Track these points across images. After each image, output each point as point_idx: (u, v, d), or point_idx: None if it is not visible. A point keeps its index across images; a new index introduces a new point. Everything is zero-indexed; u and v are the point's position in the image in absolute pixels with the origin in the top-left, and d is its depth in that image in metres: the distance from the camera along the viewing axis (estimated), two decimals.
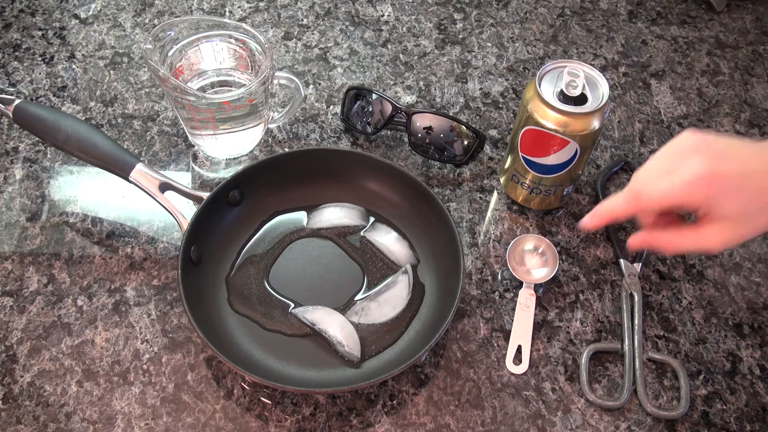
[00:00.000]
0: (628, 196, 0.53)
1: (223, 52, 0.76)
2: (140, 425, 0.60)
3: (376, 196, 0.73)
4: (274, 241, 0.71)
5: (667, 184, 0.51)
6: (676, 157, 0.51)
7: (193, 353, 0.64)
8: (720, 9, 0.97)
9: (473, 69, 0.89)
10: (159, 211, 0.69)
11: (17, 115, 0.69)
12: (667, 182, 0.51)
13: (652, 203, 0.52)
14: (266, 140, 0.80)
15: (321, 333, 0.65)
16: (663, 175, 0.51)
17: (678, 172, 0.50)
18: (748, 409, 0.63)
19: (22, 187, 0.75)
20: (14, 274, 0.68)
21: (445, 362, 0.65)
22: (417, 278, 0.69)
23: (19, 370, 0.63)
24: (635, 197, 0.53)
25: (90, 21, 0.91)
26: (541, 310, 0.69)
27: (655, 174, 0.53)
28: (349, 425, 0.61)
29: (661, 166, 0.52)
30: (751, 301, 0.70)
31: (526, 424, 0.62)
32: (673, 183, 0.50)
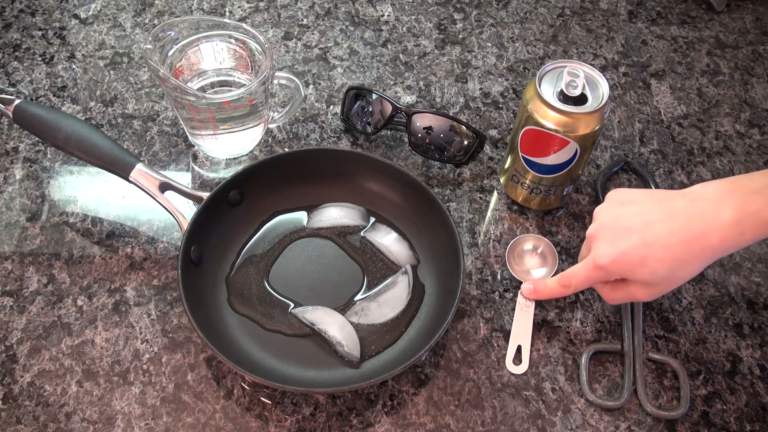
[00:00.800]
0: (561, 284, 0.63)
1: (223, 52, 0.76)
2: (140, 425, 0.60)
3: (376, 196, 0.73)
4: (274, 241, 0.71)
5: (584, 271, 0.60)
6: (589, 240, 0.60)
7: (193, 353, 0.64)
8: (720, 9, 0.97)
9: (473, 69, 0.89)
10: (159, 211, 0.69)
11: (17, 115, 0.69)
12: (583, 269, 0.60)
13: (579, 288, 0.63)
14: (266, 140, 0.80)
15: (320, 333, 0.65)
16: (582, 262, 0.60)
17: (588, 259, 0.59)
18: (748, 409, 0.63)
19: (22, 187, 0.75)
20: (14, 274, 0.68)
21: (445, 362, 0.65)
22: (417, 278, 0.69)
23: (19, 370, 0.63)
24: (567, 286, 0.62)
25: (90, 21, 0.91)
26: (541, 310, 0.69)
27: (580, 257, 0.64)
28: (349, 425, 0.61)
29: (583, 249, 0.63)
30: (751, 301, 0.70)
31: (526, 424, 0.62)
32: (587, 269, 0.59)
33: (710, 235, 0.54)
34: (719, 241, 0.54)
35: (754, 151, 0.83)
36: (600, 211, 0.60)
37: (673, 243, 0.54)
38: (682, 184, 0.79)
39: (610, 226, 0.58)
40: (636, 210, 0.57)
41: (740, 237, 0.53)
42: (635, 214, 0.57)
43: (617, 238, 0.57)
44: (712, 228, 0.53)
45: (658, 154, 0.82)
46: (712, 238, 0.54)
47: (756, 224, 0.53)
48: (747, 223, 0.53)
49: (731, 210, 0.53)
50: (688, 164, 0.81)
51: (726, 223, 0.53)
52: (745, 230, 0.53)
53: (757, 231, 0.53)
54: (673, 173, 0.80)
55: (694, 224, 0.54)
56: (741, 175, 0.56)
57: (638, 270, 0.56)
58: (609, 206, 0.60)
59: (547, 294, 0.65)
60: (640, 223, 0.56)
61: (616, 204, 0.59)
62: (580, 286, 0.61)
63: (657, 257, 0.55)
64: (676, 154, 0.82)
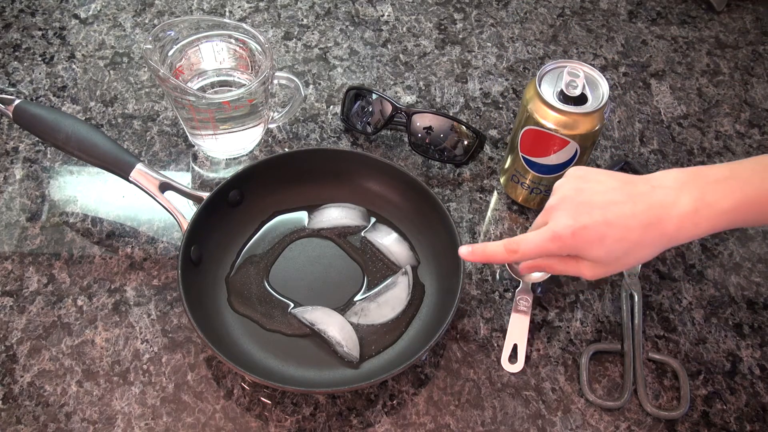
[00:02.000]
0: (507, 248, 0.58)
1: (223, 52, 0.76)
2: (140, 425, 0.60)
3: (376, 196, 0.73)
4: (274, 241, 0.71)
5: (537, 239, 0.57)
6: (548, 211, 0.58)
7: (193, 353, 0.64)
8: (720, 9, 0.97)
9: (473, 69, 0.89)
10: (159, 211, 0.69)
11: (17, 115, 0.69)
12: (537, 237, 0.57)
13: (526, 257, 0.59)
14: (266, 140, 0.80)
15: (320, 333, 0.65)
16: (536, 230, 0.57)
17: (545, 228, 0.56)
18: (748, 409, 0.63)
19: (22, 187, 0.75)
20: (14, 274, 0.68)
21: (445, 362, 0.65)
22: (417, 279, 0.69)
23: (19, 370, 0.63)
24: (513, 250, 0.58)
25: (90, 21, 0.91)
26: (541, 310, 0.69)
27: (534, 226, 0.60)
28: (349, 425, 0.61)
29: (538, 219, 0.60)
30: (751, 301, 0.70)
31: (526, 424, 0.62)
32: (542, 238, 0.56)
33: (667, 223, 0.53)
34: (675, 229, 0.53)
35: (754, 151, 0.83)
36: (561, 184, 0.58)
37: (632, 225, 0.54)
38: None
39: (572, 199, 0.56)
40: (599, 188, 0.56)
41: (695, 227, 0.53)
42: (598, 192, 0.56)
43: (579, 211, 0.55)
44: (670, 215, 0.53)
45: (658, 154, 0.82)
46: (669, 225, 0.53)
47: (712, 215, 0.53)
48: (704, 213, 0.53)
49: (689, 199, 0.53)
50: (688, 164, 0.81)
51: (683, 212, 0.53)
52: (701, 220, 0.53)
53: (713, 222, 0.53)
54: None
55: (653, 210, 0.54)
56: (702, 165, 0.56)
57: (595, 247, 0.55)
58: (571, 181, 0.58)
59: (485, 257, 0.60)
60: (603, 201, 0.55)
61: (578, 180, 0.58)
62: (528, 254, 0.58)
63: (615, 237, 0.54)
64: (676, 154, 0.82)
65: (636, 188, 0.55)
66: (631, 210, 0.54)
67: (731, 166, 0.54)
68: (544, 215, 0.58)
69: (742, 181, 0.53)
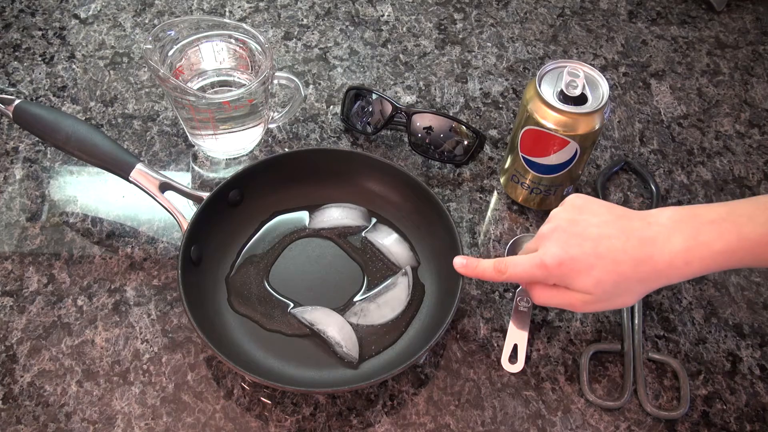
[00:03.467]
0: (495, 268, 0.60)
1: (223, 52, 0.76)
2: (140, 425, 0.60)
3: (377, 196, 0.73)
4: (275, 241, 0.71)
5: (525, 264, 0.58)
6: (540, 239, 0.59)
7: (193, 353, 0.64)
8: (720, 9, 0.97)
9: (473, 69, 0.89)
10: (159, 211, 0.69)
11: (17, 115, 0.69)
12: (525, 262, 0.58)
13: (513, 279, 0.61)
14: (266, 140, 0.80)
15: (319, 333, 0.65)
16: (527, 256, 0.59)
17: (535, 255, 0.58)
18: (748, 409, 0.63)
19: (22, 187, 0.75)
20: (14, 274, 0.68)
21: (445, 362, 0.65)
22: (417, 279, 0.69)
23: (19, 370, 0.63)
24: (501, 271, 0.60)
25: (90, 21, 0.91)
26: (541, 310, 0.69)
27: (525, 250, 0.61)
28: (349, 425, 0.61)
29: (530, 244, 0.61)
30: (751, 301, 0.70)
31: (526, 424, 0.62)
32: (530, 264, 0.58)
33: (658, 260, 0.53)
34: (666, 266, 0.53)
35: (754, 151, 0.83)
36: (557, 213, 0.59)
37: (622, 260, 0.54)
38: (682, 184, 0.79)
39: (564, 229, 0.57)
40: (593, 221, 0.57)
41: (687, 266, 0.53)
42: (592, 225, 0.56)
43: (569, 242, 0.56)
44: (661, 252, 0.53)
45: (658, 154, 0.82)
46: (660, 262, 0.53)
47: (705, 256, 0.53)
48: (696, 252, 0.53)
49: (682, 238, 0.53)
50: (688, 164, 0.81)
51: (674, 250, 0.53)
52: (693, 260, 0.53)
53: (706, 263, 0.53)
54: (673, 173, 0.80)
55: (645, 247, 0.54)
56: (700, 204, 0.56)
57: (582, 278, 0.55)
58: (567, 210, 0.59)
59: (476, 273, 0.62)
60: (595, 234, 0.56)
61: (574, 210, 0.58)
62: (514, 277, 0.60)
63: (605, 269, 0.55)
64: (676, 154, 0.82)
65: (630, 223, 0.56)
66: (622, 245, 0.54)
67: (728, 207, 0.54)
68: (536, 241, 0.59)
69: (738, 223, 0.52)
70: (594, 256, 0.55)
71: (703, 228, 0.53)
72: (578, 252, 0.55)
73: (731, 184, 0.79)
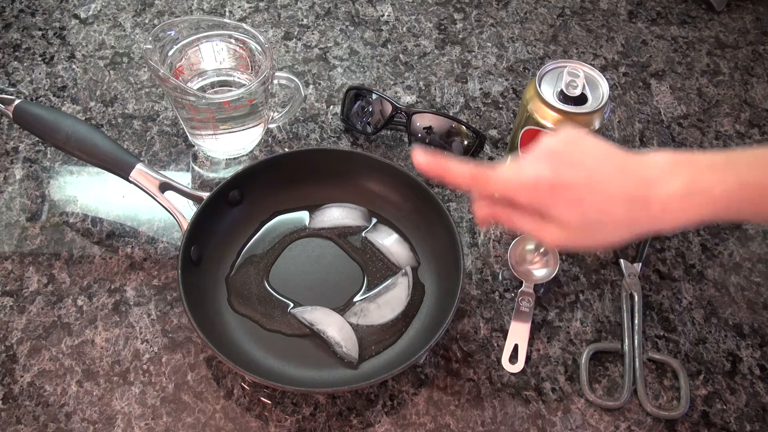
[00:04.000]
0: (476, 172, 0.52)
1: (223, 52, 0.75)
2: (140, 425, 0.60)
3: (377, 196, 0.73)
4: (275, 241, 0.71)
5: (514, 181, 0.51)
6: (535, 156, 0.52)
7: (193, 353, 0.64)
8: (720, 9, 0.97)
9: (473, 69, 0.89)
10: (159, 211, 0.69)
11: (17, 115, 0.69)
12: (514, 179, 0.51)
13: (493, 189, 0.53)
14: (266, 140, 0.80)
15: (319, 333, 0.65)
16: (515, 168, 0.52)
17: (525, 171, 0.51)
18: (748, 409, 0.63)
19: (22, 187, 0.75)
20: (14, 274, 0.68)
21: (445, 362, 0.65)
22: (417, 279, 0.69)
23: (19, 370, 0.63)
24: (482, 176, 0.52)
25: (90, 21, 0.91)
26: (542, 310, 0.69)
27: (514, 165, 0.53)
28: (349, 425, 0.61)
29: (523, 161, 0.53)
30: (751, 301, 0.70)
31: (526, 424, 0.62)
32: (519, 182, 0.51)
33: (653, 202, 0.49)
34: (660, 210, 0.49)
35: None
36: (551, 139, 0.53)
37: (615, 196, 0.50)
38: None
39: (559, 153, 0.52)
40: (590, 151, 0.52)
41: (683, 212, 0.49)
42: (588, 155, 0.51)
43: (563, 167, 0.51)
44: (657, 194, 0.49)
45: None
46: (655, 205, 0.49)
47: (703, 201, 0.49)
48: (694, 198, 0.49)
49: (680, 182, 0.49)
50: None
51: (672, 193, 0.49)
52: (690, 206, 0.49)
53: (703, 209, 0.49)
54: None
55: (641, 186, 0.50)
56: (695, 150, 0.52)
57: (569, 209, 0.50)
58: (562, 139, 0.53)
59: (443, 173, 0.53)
60: (591, 165, 0.51)
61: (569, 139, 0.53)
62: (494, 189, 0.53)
63: (594, 204, 0.50)
64: None
65: (627, 160, 0.51)
66: (618, 180, 0.50)
67: (729, 155, 0.50)
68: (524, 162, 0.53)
69: (738, 169, 0.49)
70: (586, 188, 0.50)
71: (702, 173, 0.49)
72: (571, 179, 0.50)
73: None
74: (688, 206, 0.49)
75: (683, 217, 0.50)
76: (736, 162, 0.50)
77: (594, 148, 0.52)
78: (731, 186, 0.49)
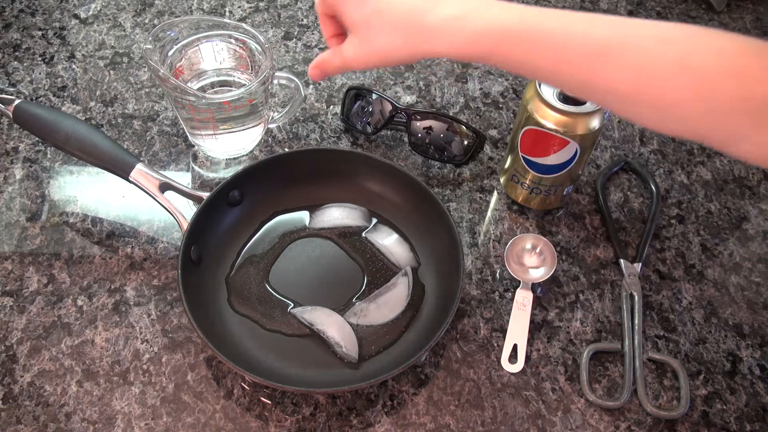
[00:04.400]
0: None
1: (223, 52, 0.76)
2: (140, 425, 0.60)
3: (377, 196, 0.73)
4: (274, 241, 0.71)
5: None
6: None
7: (193, 353, 0.64)
8: (720, 9, 0.97)
9: (473, 69, 0.89)
10: (159, 211, 0.69)
11: (17, 115, 0.69)
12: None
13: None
14: (266, 140, 0.80)
15: (319, 333, 0.65)
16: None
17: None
18: (748, 409, 0.63)
19: (22, 187, 0.75)
20: (14, 274, 0.68)
21: (445, 362, 0.65)
22: (417, 279, 0.69)
23: (19, 370, 0.63)
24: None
25: (90, 21, 0.91)
26: (541, 310, 0.69)
27: None
28: (349, 425, 0.61)
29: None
30: (751, 301, 0.70)
31: (526, 424, 0.62)
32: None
33: (430, 16, 0.51)
34: (436, 25, 0.51)
35: None
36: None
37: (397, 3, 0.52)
38: (682, 183, 0.79)
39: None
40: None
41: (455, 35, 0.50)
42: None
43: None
44: (436, 11, 0.51)
45: (658, 154, 0.82)
46: (431, 19, 0.51)
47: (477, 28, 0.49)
48: (468, 23, 0.50)
49: (461, 6, 0.50)
50: (688, 164, 0.81)
51: (449, 13, 0.50)
52: (462, 30, 0.50)
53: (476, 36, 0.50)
54: (673, 173, 0.80)
55: (426, 2, 0.51)
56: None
57: (356, 6, 0.53)
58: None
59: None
60: None
61: None
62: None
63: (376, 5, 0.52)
64: (676, 154, 0.82)
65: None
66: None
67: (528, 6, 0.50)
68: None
69: (526, 12, 0.49)
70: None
71: (491, 6, 0.50)
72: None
73: (731, 184, 0.79)
74: (460, 29, 0.50)
75: (456, 40, 0.50)
76: (528, 9, 0.50)
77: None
78: (510, 22, 0.49)
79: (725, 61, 0.45)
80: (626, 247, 0.73)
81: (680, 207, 0.77)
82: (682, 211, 0.77)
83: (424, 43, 0.52)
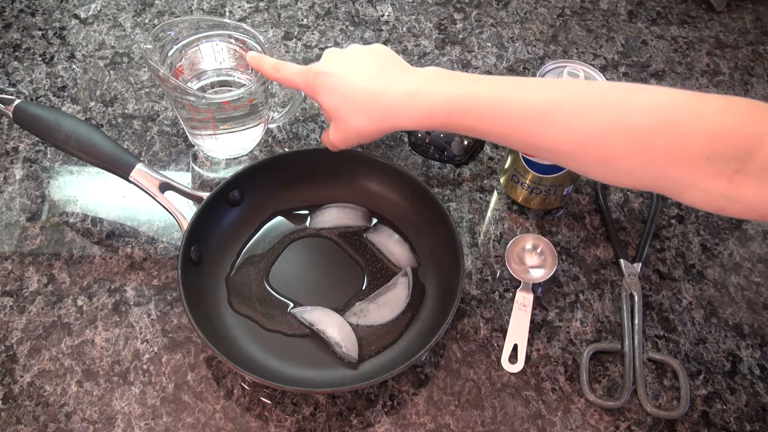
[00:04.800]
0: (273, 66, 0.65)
1: (223, 52, 0.76)
2: (140, 425, 0.60)
3: (377, 196, 0.73)
4: (274, 241, 0.71)
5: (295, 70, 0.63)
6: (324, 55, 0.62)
7: (193, 353, 0.64)
8: (720, 9, 0.97)
9: (473, 69, 0.89)
10: (159, 211, 0.70)
11: (17, 115, 0.69)
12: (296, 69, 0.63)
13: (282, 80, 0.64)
14: (266, 140, 0.80)
15: (319, 333, 0.65)
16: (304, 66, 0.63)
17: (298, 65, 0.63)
18: (748, 409, 0.63)
19: (22, 187, 0.75)
20: (14, 274, 0.68)
21: (445, 362, 0.65)
22: (417, 279, 0.69)
23: (19, 370, 0.63)
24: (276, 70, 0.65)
25: (90, 21, 0.91)
26: (541, 310, 0.69)
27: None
28: (349, 425, 0.61)
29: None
30: (751, 301, 0.70)
31: (526, 424, 0.62)
32: (298, 70, 0.63)
33: (390, 95, 0.56)
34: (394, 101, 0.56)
35: None
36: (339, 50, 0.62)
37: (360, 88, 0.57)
38: None
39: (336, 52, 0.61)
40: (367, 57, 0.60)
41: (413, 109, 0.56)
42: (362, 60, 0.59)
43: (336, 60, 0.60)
44: (395, 88, 0.56)
45: None
46: (391, 96, 0.56)
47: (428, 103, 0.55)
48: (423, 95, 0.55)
49: (416, 84, 0.56)
50: None
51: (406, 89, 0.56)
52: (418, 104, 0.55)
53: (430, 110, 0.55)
54: None
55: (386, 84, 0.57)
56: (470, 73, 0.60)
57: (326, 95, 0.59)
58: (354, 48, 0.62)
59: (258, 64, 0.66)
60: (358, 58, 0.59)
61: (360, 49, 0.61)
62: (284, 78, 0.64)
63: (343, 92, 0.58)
64: None
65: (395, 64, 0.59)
66: (369, 75, 0.58)
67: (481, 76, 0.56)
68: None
69: (470, 83, 0.54)
70: (338, 78, 0.58)
71: (442, 81, 0.56)
72: (326, 68, 0.59)
73: None
74: (414, 107, 0.56)
75: (413, 114, 0.56)
76: (476, 80, 0.55)
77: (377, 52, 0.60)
78: (454, 96, 0.54)
79: (658, 115, 0.48)
80: (626, 247, 0.73)
81: (680, 207, 0.77)
82: (682, 211, 0.77)
83: (386, 119, 0.58)
